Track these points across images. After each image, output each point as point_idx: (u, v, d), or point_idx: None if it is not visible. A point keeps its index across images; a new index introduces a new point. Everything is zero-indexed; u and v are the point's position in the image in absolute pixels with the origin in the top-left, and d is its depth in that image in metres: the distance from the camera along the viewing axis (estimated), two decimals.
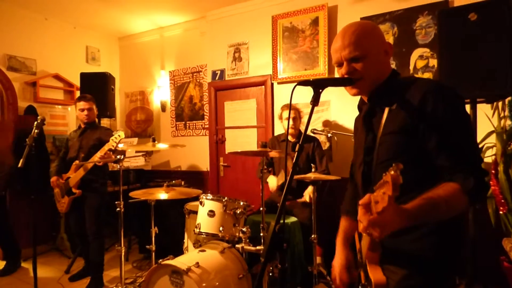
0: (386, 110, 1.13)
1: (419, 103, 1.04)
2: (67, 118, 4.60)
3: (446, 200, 0.94)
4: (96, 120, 3.38)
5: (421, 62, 3.05)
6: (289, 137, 3.12)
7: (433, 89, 1.05)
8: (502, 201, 2.16)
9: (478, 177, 0.97)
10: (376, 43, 1.15)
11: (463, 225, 1.18)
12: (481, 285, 2.16)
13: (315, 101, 1.12)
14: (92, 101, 3.21)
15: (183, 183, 4.19)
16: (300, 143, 1.10)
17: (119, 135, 2.87)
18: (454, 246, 1.09)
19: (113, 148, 2.87)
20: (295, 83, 1.13)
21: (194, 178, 4.45)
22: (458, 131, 1.01)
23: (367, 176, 1.18)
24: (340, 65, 1.18)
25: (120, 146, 2.95)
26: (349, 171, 1.47)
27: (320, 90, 1.13)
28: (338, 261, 1.34)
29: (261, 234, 2.08)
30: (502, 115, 2.32)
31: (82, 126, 3.24)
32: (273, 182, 3.02)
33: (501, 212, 2.21)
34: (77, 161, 3.08)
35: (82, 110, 3.15)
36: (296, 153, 1.09)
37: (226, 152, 2.61)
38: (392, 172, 0.78)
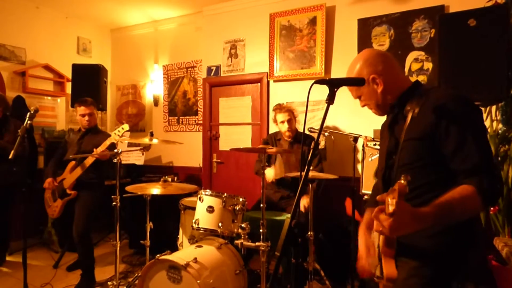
0: (409, 118, 1.21)
1: (437, 113, 1.11)
2: (56, 110, 4.50)
3: (461, 203, 1.00)
4: (97, 125, 3.33)
5: (416, 65, 3.12)
6: (287, 137, 3.14)
7: (450, 101, 1.13)
8: None
9: (491, 179, 1.03)
10: (369, 73, 1.28)
11: (476, 226, 1.24)
12: (472, 283, 2.24)
13: (330, 99, 1.15)
14: (93, 105, 3.13)
15: (176, 179, 4.17)
16: (316, 140, 1.11)
17: (122, 128, 2.80)
18: (465, 246, 1.16)
19: (115, 142, 2.80)
20: (312, 82, 1.15)
21: (186, 174, 4.43)
22: (472, 139, 1.08)
23: (387, 179, 1.27)
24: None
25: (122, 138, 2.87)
26: (375, 171, 1.57)
27: (336, 89, 1.16)
28: (360, 249, 1.39)
29: (261, 231, 2.09)
30: (494, 118, 2.40)
31: (83, 129, 3.16)
32: (270, 174, 3.01)
33: (491, 212, 2.30)
34: (73, 162, 3.01)
35: (83, 115, 3.07)
36: (312, 150, 1.11)
37: (229, 149, 2.61)
38: (402, 181, 0.87)
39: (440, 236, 1.14)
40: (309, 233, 2.58)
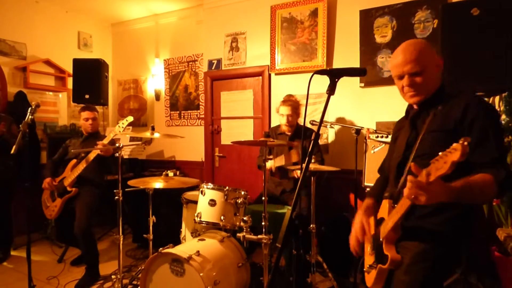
0: (431, 114, 1.30)
1: (462, 110, 1.22)
2: (58, 105, 4.50)
3: (481, 187, 1.10)
4: (99, 130, 3.46)
5: None
6: (286, 131, 3.12)
7: (475, 101, 1.25)
8: None
9: (507, 173, 1.13)
10: (432, 59, 1.33)
11: (474, 214, 1.30)
12: (475, 274, 2.24)
13: (331, 90, 1.14)
14: (96, 111, 3.32)
15: (178, 173, 4.19)
16: (316, 132, 1.10)
17: (126, 120, 2.89)
18: (466, 231, 1.26)
19: (119, 133, 2.86)
20: (312, 73, 1.14)
21: (189, 168, 4.44)
22: (492, 136, 1.18)
23: (401, 167, 1.34)
24: (400, 78, 1.36)
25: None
26: (380, 166, 1.68)
27: (336, 80, 1.15)
28: (356, 223, 1.46)
29: (263, 223, 2.09)
30: (498, 109, 2.37)
31: (85, 133, 3.29)
32: (270, 162, 3.00)
33: (494, 204, 2.29)
34: (74, 160, 3.05)
35: (87, 119, 3.23)
36: (312, 141, 1.10)
37: (230, 142, 2.61)
38: (465, 143, 0.90)
39: (446, 223, 1.22)
40: (311, 225, 2.58)
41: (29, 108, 2.41)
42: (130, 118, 2.92)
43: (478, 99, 1.27)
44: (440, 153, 0.95)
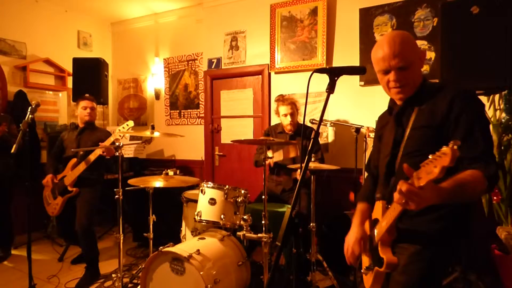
0: (416, 109, 1.27)
1: (448, 104, 1.18)
2: (58, 105, 4.50)
3: (473, 184, 1.06)
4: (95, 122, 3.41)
5: None
6: (289, 130, 3.11)
7: (460, 94, 1.21)
8: (496, 190, 2.23)
9: (494, 167, 1.11)
10: (416, 51, 1.29)
11: (472, 213, 1.28)
12: (475, 272, 2.24)
13: (331, 88, 1.15)
14: (94, 101, 3.23)
15: (178, 172, 4.19)
16: (316, 130, 1.11)
17: (127, 124, 2.88)
18: (463, 230, 1.23)
19: (120, 138, 2.84)
20: (312, 72, 1.14)
21: (189, 167, 4.44)
22: (479, 129, 1.15)
23: (391, 166, 1.30)
24: (386, 72, 1.29)
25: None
26: (367, 164, 1.62)
27: (336, 78, 1.15)
28: (353, 235, 1.42)
29: (263, 222, 2.09)
30: (498, 107, 2.37)
31: (81, 126, 3.21)
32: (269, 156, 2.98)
33: (494, 202, 2.29)
34: (74, 159, 3.04)
35: (85, 108, 3.14)
36: (312, 140, 1.10)
37: (230, 141, 2.61)
38: (454, 147, 0.86)
39: (440, 221, 1.20)
40: (311, 224, 2.58)
41: (29, 108, 2.41)
42: (131, 123, 2.90)
43: (463, 91, 1.23)
44: (430, 156, 0.91)
